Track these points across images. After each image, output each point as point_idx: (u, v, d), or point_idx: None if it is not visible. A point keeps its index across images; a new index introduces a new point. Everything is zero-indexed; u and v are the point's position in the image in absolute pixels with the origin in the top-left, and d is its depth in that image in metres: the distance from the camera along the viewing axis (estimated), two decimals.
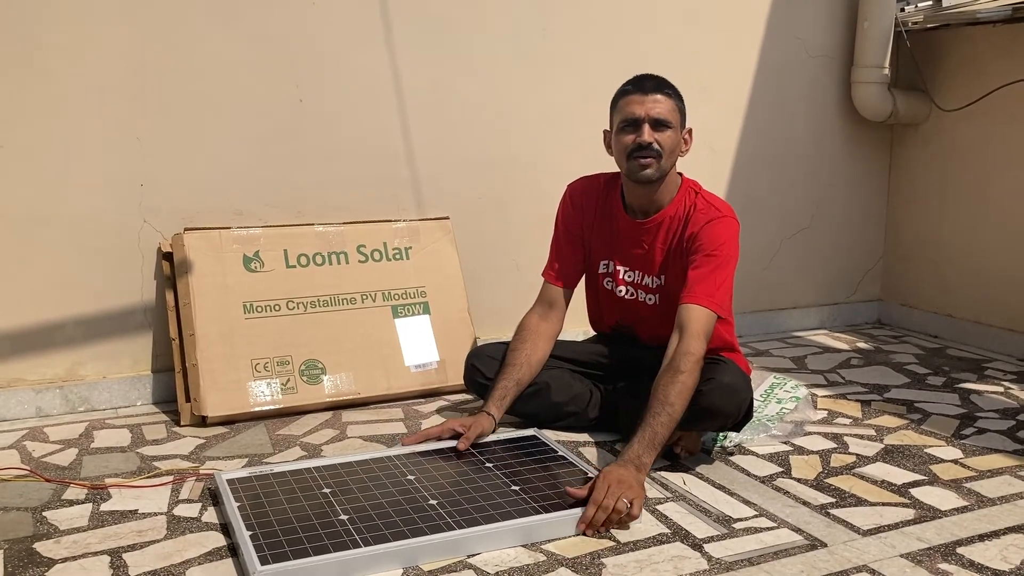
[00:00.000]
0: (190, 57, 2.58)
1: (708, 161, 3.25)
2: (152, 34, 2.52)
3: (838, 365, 3.12)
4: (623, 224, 2.35)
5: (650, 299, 2.36)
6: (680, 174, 2.34)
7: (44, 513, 1.90)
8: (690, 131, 2.30)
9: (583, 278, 2.50)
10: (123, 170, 2.55)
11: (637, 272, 2.36)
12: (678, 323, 2.13)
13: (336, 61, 2.75)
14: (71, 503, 1.95)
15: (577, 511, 1.83)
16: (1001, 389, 2.86)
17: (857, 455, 2.28)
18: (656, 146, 2.19)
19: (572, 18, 3.04)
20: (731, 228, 2.24)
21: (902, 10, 3.38)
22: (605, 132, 2.33)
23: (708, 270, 2.18)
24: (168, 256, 2.58)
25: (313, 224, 2.74)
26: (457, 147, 2.94)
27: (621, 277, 2.38)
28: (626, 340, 2.47)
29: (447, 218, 2.92)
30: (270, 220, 2.72)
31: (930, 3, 3.32)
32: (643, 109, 2.20)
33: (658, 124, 2.20)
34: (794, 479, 2.13)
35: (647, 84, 2.23)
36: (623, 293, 2.39)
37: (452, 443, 2.18)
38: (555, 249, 2.45)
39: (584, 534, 1.82)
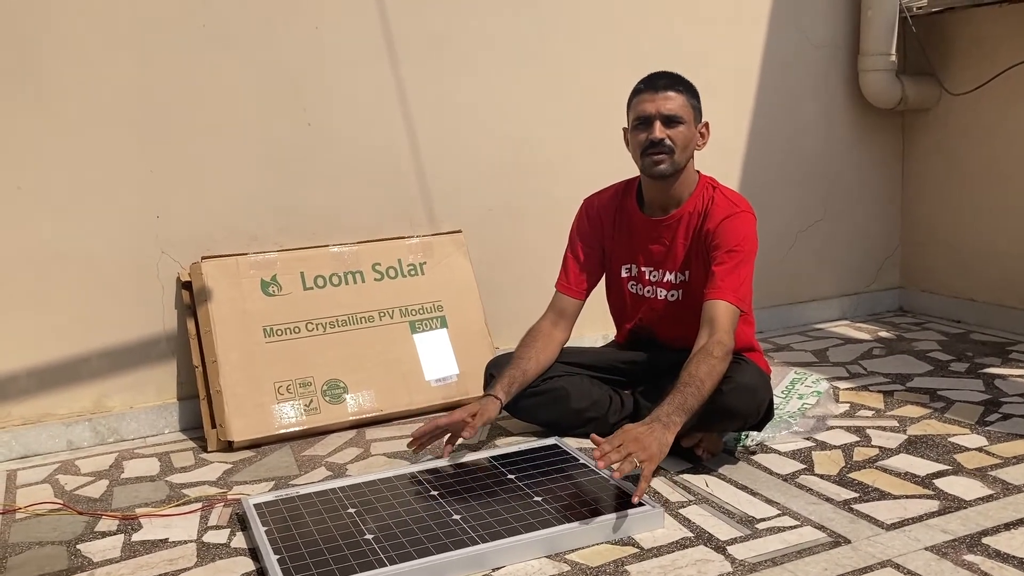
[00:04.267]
0: (197, 87, 2.62)
1: (718, 158, 3.24)
2: (157, 67, 2.57)
3: (860, 356, 3.11)
4: (641, 223, 2.38)
5: (672, 295, 2.37)
6: (698, 171, 2.37)
7: (78, 546, 1.94)
8: (707, 125, 2.33)
9: (604, 287, 2.53)
10: (138, 203, 2.59)
11: (660, 270, 2.38)
12: (706, 318, 2.15)
13: (342, 82, 2.78)
14: (103, 535, 1.99)
15: (598, 519, 1.84)
16: None
17: (880, 447, 2.28)
18: (668, 142, 2.23)
19: (573, 24, 3.06)
20: (749, 223, 2.27)
21: None
22: (624, 130, 2.36)
23: (732, 266, 2.20)
24: (187, 285, 2.62)
25: (328, 245, 2.78)
26: (466, 160, 2.97)
27: (647, 277, 2.40)
28: (644, 343, 2.48)
29: (459, 231, 2.94)
30: (285, 244, 2.75)
31: None
32: (654, 107, 2.24)
33: (669, 121, 2.23)
34: (817, 475, 2.13)
35: (659, 82, 2.27)
36: (647, 292, 2.41)
37: (474, 455, 2.22)
38: (568, 262, 2.49)
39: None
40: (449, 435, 2.25)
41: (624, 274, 2.45)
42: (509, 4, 2.96)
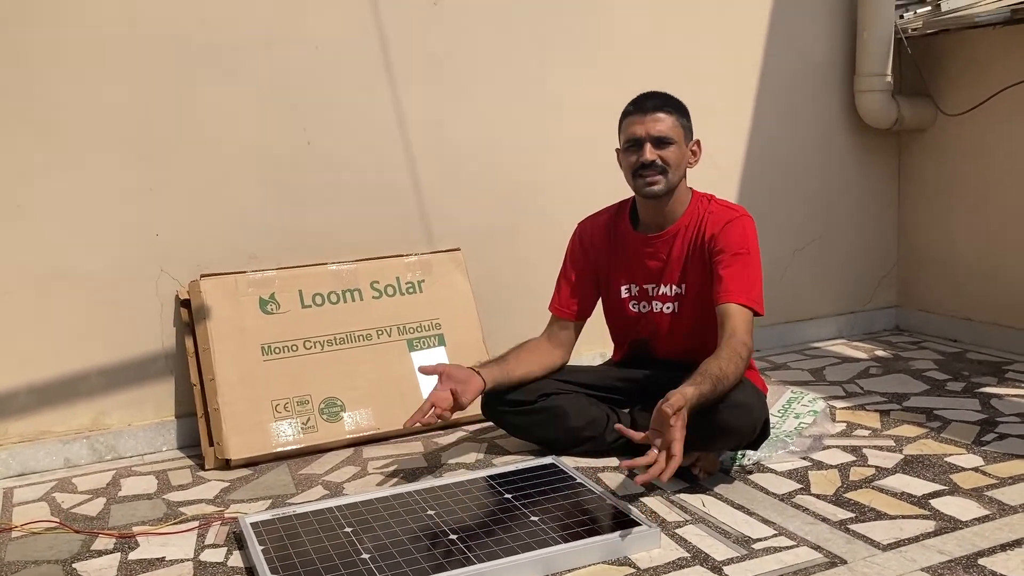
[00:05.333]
0: (197, 108, 2.63)
1: (715, 178, 3.25)
2: (158, 86, 2.58)
3: (857, 375, 3.12)
4: (637, 241, 2.41)
5: (668, 308, 2.40)
6: (691, 189, 2.40)
7: (74, 565, 1.93)
8: (698, 142, 2.36)
9: (603, 309, 2.55)
10: (138, 221, 2.61)
11: (658, 285, 2.40)
12: (722, 322, 2.18)
13: (341, 103, 2.80)
14: (100, 553, 1.99)
15: (595, 539, 1.84)
16: (1022, 392, 2.84)
17: (876, 467, 2.28)
18: (660, 162, 2.27)
19: (571, 45, 3.08)
20: (751, 226, 2.31)
21: (901, 17, 3.39)
22: (616, 151, 2.39)
23: (739, 268, 2.23)
24: (186, 303, 2.63)
25: (326, 263, 2.79)
26: (464, 179, 2.98)
27: (648, 293, 2.43)
28: (641, 359, 2.49)
29: (458, 249, 2.95)
30: (284, 262, 2.76)
31: (928, 9, 3.33)
32: (643, 129, 2.27)
33: (660, 142, 2.26)
34: (813, 495, 2.13)
35: (648, 104, 2.30)
36: (647, 308, 2.43)
37: (471, 474, 2.22)
38: (561, 284, 2.52)
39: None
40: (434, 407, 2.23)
41: (624, 294, 2.46)
42: (508, 26, 2.99)
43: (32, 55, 2.45)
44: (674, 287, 2.37)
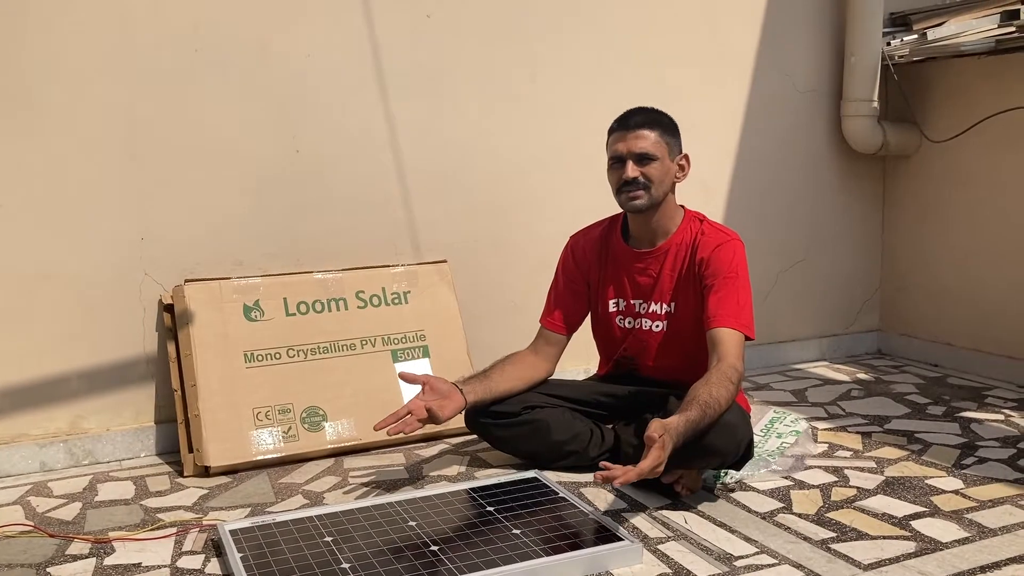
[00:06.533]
0: (186, 110, 2.62)
1: (701, 198, 3.28)
2: (147, 89, 2.57)
3: (838, 397, 3.13)
4: (628, 256, 2.42)
5: (657, 326, 2.40)
6: (682, 206, 2.42)
7: (48, 569, 1.90)
8: (686, 157, 2.37)
9: (591, 323, 2.55)
10: (123, 224, 2.59)
11: (647, 302, 2.41)
12: (712, 348, 2.19)
13: (331, 111, 2.80)
14: (75, 558, 1.96)
15: (576, 553, 1.84)
16: (1001, 417, 2.86)
17: (858, 488, 2.28)
18: (642, 179, 2.28)
19: (561, 62, 3.09)
20: (740, 250, 2.33)
21: (888, 44, 3.43)
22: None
23: (729, 292, 2.24)
24: (169, 308, 2.61)
25: (312, 272, 2.78)
26: (452, 191, 2.98)
27: (636, 310, 2.43)
28: (626, 375, 2.50)
29: (444, 261, 2.95)
30: (269, 269, 2.75)
31: (915, 37, 3.37)
32: (626, 146, 2.29)
33: (642, 159, 2.28)
34: (795, 514, 2.13)
35: (631, 121, 2.32)
36: (634, 324, 2.43)
37: (453, 486, 2.21)
38: (553, 298, 2.52)
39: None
40: (410, 414, 2.21)
41: (612, 308, 2.47)
42: (499, 41, 3.00)
43: (21, 56, 2.43)
44: (664, 306, 2.38)
